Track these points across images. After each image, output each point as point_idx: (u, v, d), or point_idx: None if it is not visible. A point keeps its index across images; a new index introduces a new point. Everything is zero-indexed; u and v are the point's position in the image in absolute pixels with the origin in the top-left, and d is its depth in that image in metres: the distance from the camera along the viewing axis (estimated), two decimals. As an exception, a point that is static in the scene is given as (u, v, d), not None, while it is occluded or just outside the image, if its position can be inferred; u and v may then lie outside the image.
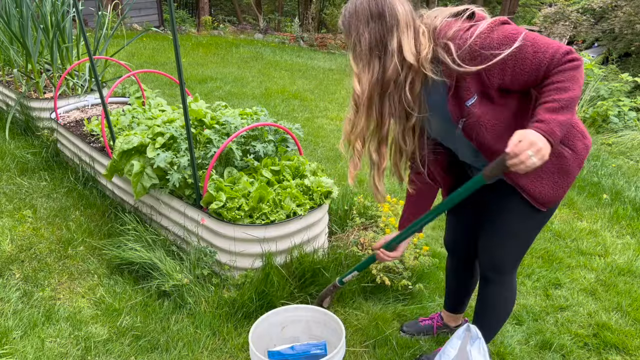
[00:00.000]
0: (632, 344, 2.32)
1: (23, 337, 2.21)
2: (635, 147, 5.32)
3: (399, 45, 1.47)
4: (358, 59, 1.52)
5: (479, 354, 1.61)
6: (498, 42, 1.42)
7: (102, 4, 5.73)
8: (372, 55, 1.49)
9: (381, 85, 1.52)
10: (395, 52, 1.47)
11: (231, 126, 2.77)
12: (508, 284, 1.90)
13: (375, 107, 1.57)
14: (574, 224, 3.48)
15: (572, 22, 11.45)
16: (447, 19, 1.51)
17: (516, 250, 1.83)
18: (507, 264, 1.86)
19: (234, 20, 16.27)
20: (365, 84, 1.53)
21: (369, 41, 1.48)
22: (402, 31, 1.47)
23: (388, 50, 1.48)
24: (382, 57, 1.49)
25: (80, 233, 2.99)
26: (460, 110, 1.54)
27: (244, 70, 7.95)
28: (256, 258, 2.47)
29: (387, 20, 1.46)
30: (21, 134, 4.39)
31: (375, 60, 1.50)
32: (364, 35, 1.48)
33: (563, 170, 1.64)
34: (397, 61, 1.48)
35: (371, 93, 1.54)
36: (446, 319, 2.31)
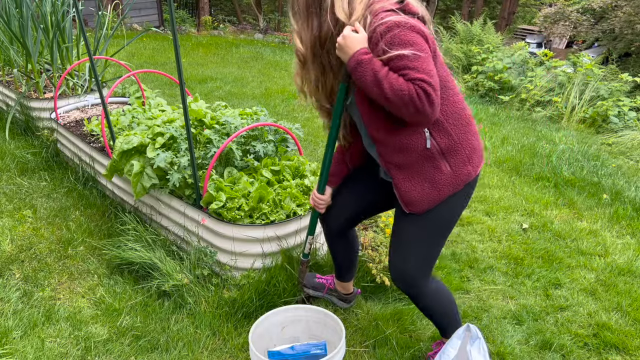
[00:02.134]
0: (632, 344, 2.32)
1: (23, 337, 2.21)
2: (635, 147, 5.32)
3: (331, 3, 1.57)
4: (297, 16, 1.65)
5: (479, 354, 1.61)
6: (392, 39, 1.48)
7: (102, 4, 5.73)
8: (309, 12, 1.61)
9: (319, 40, 1.64)
10: (329, 10, 1.58)
11: (231, 126, 2.77)
12: (427, 293, 1.91)
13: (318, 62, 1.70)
14: (574, 224, 3.48)
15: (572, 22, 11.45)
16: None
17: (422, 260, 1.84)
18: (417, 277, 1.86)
19: (234, 20, 16.27)
20: (306, 40, 1.66)
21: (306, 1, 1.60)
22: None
23: (322, 8, 1.59)
24: (318, 13, 1.60)
25: (80, 233, 2.99)
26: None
27: (244, 70, 7.95)
28: (256, 258, 2.47)
29: None
30: (21, 134, 4.39)
31: (313, 17, 1.61)
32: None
33: (434, 182, 1.71)
34: (330, 18, 1.59)
35: (313, 48, 1.66)
36: (337, 285, 2.40)
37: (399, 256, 1.85)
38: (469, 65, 8.93)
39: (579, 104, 6.55)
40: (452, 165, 1.71)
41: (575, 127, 6.28)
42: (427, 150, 1.67)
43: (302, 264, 2.31)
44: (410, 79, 1.45)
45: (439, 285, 1.97)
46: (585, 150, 5.02)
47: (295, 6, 1.63)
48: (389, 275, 2.54)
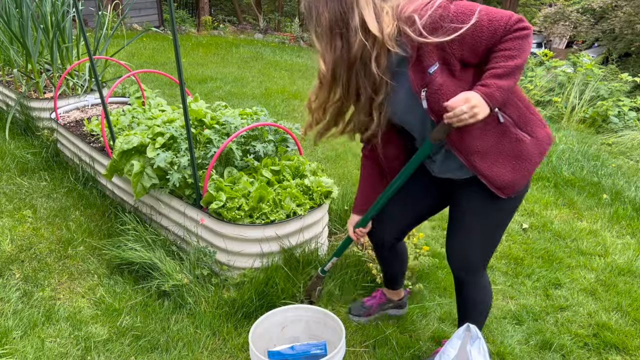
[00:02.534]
0: (632, 344, 2.32)
1: (23, 337, 2.21)
2: (635, 147, 5.32)
3: (361, 20, 1.49)
4: (320, 38, 1.55)
5: (479, 354, 1.61)
6: (456, 14, 1.48)
7: (102, 4, 5.73)
8: (333, 33, 1.52)
9: (347, 61, 1.55)
10: (359, 28, 1.49)
11: (231, 126, 2.77)
12: (481, 283, 1.92)
13: (341, 82, 1.60)
14: (574, 224, 3.48)
15: (572, 22, 11.46)
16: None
17: (484, 247, 1.84)
18: (477, 262, 1.87)
19: (234, 20, 16.27)
20: (329, 62, 1.56)
21: (329, 19, 1.50)
22: (362, 7, 1.48)
23: (350, 27, 1.50)
24: (344, 34, 1.51)
25: (80, 233, 2.99)
26: (422, 78, 1.55)
27: (244, 70, 7.95)
28: (256, 258, 2.47)
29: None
30: (21, 134, 4.40)
31: (337, 38, 1.52)
32: (323, 15, 1.50)
33: (522, 156, 1.66)
34: (362, 36, 1.50)
35: (334, 69, 1.57)
36: (389, 294, 2.38)
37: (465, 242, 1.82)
38: (469, 65, 8.91)
39: (579, 104, 6.55)
40: (531, 133, 1.66)
41: (575, 127, 6.28)
42: (501, 125, 1.62)
43: (318, 278, 2.30)
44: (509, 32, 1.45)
45: (490, 284, 1.97)
46: (585, 150, 5.02)
47: (319, 28, 1.53)
48: (389, 275, 2.54)
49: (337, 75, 1.59)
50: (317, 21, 1.53)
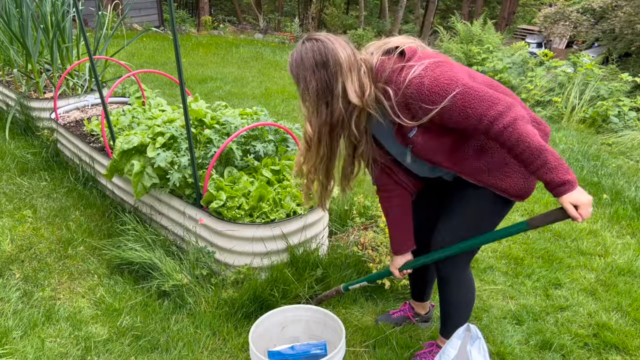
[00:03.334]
0: (632, 344, 2.32)
1: (23, 337, 2.21)
2: (635, 147, 5.31)
3: (343, 89, 1.57)
4: (308, 104, 1.62)
5: (479, 354, 1.61)
6: (428, 95, 1.50)
7: (102, 4, 5.73)
8: (320, 100, 1.60)
9: (330, 125, 1.64)
10: (340, 96, 1.57)
11: (231, 126, 2.77)
12: (465, 281, 1.94)
13: (325, 144, 1.69)
14: (574, 224, 3.48)
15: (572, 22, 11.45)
16: (380, 57, 1.60)
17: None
18: (460, 259, 1.88)
19: (234, 20, 16.27)
20: (315, 126, 1.65)
21: (317, 88, 1.58)
22: (345, 76, 1.56)
23: (334, 95, 1.58)
24: (329, 101, 1.59)
25: (80, 233, 2.99)
26: (405, 141, 1.67)
27: (244, 70, 7.95)
28: (256, 257, 2.47)
29: (331, 67, 1.55)
30: (21, 134, 4.39)
31: (323, 105, 1.60)
32: (311, 84, 1.57)
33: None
34: (342, 104, 1.58)
35: (320, 133, 1.66)
36: (416, 308, 2.37)
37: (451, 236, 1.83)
38: (469, 65, 8.93)
39: (579, 104, 6.54)
40: None
41: (575, 127, 6.28)
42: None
43: (337, 292, 2.31)
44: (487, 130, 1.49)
45: (473, 281, 1.99)
46: (585, 150, 5.02)
47: (306, 95, 1.61)
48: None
49: (322, 137, 1.67)
50: (304, 89, 1.60)
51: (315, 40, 1.57)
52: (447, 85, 1.49)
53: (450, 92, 1.48)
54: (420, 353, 2.14)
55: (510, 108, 1.47)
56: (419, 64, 1.52)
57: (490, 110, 1.47)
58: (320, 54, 1.55)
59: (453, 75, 1.50)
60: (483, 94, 1.48)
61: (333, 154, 1.74)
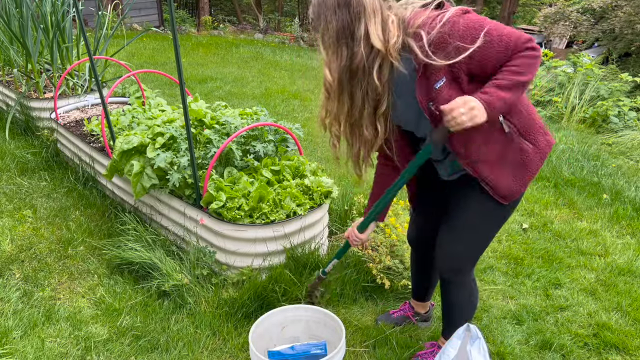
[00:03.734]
0: (632, 344, 2.32)
1: (23, 337, 2.21)
2: (635, 147, 5.31)
3: (365, 32, 1.49)
4: (327, 46, 1.54)
5: (479, 354, 1.61)
6: (465, 30, 1.47)
7: (102, 4, 5.73)
8: (340, 42, 1.51)
9: (349, 71, 1.55)
10: (362, 39, 1.49)
11: (231, 126, 2.77)
12: (468, 284, 1.93)
13: (346, 92, 1.60)
14: (574, 224, 3.48)
15: (572, 22, 11.45)
16: (416, 9, 1.55)
17: (474, 247, 1.85)
18: (465, 264, 1.88)
19: (234, 20, 16.27)
20: (335, 71, 1.56)
21: (337, 29, 1.50)
22: (369, 18, 1.48)
23: (355, 37, 1.50)
24: (349, 44, 1.51)
25: (80, 233, 2.99)
26: (428, 93, 1.56)
27: (244, 70, 7.94)
28: (256, 258, 2.47)
29: (353, 7, 1.47)
30: (21, 134, 4.39)
31: (343, 47, 1.52)
32: (331, 24, 1.50)
33: (523, 164, 1.68)
34: (364, 48, 1.50)
35: (340, 79, 1.57)
36: (416, 307, 2.36)
37: (455, 240, 1.82)
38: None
39: (579, 104, 6.54)
40: (534, 141, 1.67)
41: (575, 127, 6.28)
42: (506, 134, 1.63)
43: (319, 279, 2.30)
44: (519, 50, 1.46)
45: (476, 284, 1.98)
46: (585, 150, 5.01)
47: (326, 36, 1.53)
48: (389, 276, 2.54)
49: (343, 85, 1.58)
50: (324, 29, 1.52)
51: None
52: (480, 22, 1.48)
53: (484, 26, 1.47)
54: (421, 353, 2.14)
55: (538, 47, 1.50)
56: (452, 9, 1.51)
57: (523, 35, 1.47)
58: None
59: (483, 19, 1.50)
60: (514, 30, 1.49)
61: (355, 106, 1.62)
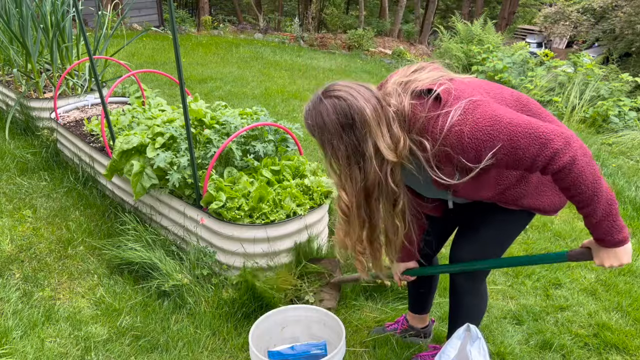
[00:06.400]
0: (632, 344, 2.32)
1: (23, 337, 2.20)
2: (636, 147, 5.31)
3: (375, 148, 1.42)
4: (339, 171, 1.49)
5: (479, 354, 1.61)
6: (469, 145, 1.36)
7: (102, 4, 5.73)
8: (352, 165, 1.46)
9: (366, 189, 1.50)
10: (373, 156, 1.43)
11: (231, 126, 2.77)
12: (479, 291, 1.91)
13: (364, 209, 1.55)
14: (574, 224, 3.48)
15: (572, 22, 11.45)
16: (411, 101, 1.43)
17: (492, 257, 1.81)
18: (481, 271, 1.86)
19: (234, 20, 16.26)
20: (351, 193, 1.50)
21: (347, 154, 1.44)
22: (375, 134, 1.41)
23: (366, 157, 1.43)
24: (361, 165, 1.45)
25: (80, 233, 2.99)
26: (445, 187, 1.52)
27: (244, 70, 7.94)
28: (256, 258, 2.47)
29: (359, 128, 1.40)
30: (21, 134, 4.39)
31: (355, 168, 1.46)
32: (339, 150, 1.44)
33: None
34: (376, 164, 1.44)
35: (358, 200, 1.52)
36: (412, 321, 2.25)
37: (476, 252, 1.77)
38: (469, 65, 8.94)
39: (579, 103, 6.54)
40: None
41: (576, 127, 6.28)
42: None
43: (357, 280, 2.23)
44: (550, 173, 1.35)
45: (487, 293, 1.96)
46: (586, 150, 5.01)
47: (335, 162, 1.47)
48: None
49: (361, 204, 1.53)
50: (333, 155, 1.46)
51: (337, 97, 1.41)
52: (489, 128, 1.34)
53: (494, 137, 1.33)
54: (422, 354, 2.13)
55: (568, 143, 1.31)
56: (455, 109, 1.37)
57: (545, 149, 1.31)
58: (345, 115, 1.39)
59: (494, 115, 1.35)
60: (533, 130, 1.32)
61: (374, 220, 1.58)
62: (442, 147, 1.39)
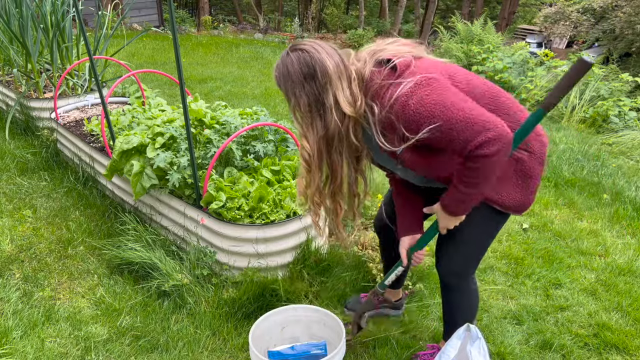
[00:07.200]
0: (632, 344, 2.32)
1: (23, 337, 2.20)
2: (636, 147, 5.31)
3: (335, 100, 1.50)
4: (301, 120, 1.57)
5: (479, 354, 1.61)
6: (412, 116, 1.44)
7: (102, 4, 5.73)
8: (313, 114, 1.53)
9: (327, 139, 1.56)
10: (333, 107, 1.50)
11: (231, 126, 2.77)
12: (468, 288, 1.92)
13: (326, 160, 1.62)
14: (574, 224, 3.48)
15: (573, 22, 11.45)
16: (372, 67, 1.52)
17: (475, 256, 1.85)
18: (467, 269, 1.88)
19: (234, 20, 16.26)
20: (312, 142, 1.57)
21: (308, 102, 1.52)
22: (335, 86, 1.49)
23: (326, 107, 1.51)
24: (322, 114, 1.53)
25: (80, 233, 2.99)
26: (393, 154, 1.60)
27: (244, 70, 7.94)
28: (256, 258, 2.47)
29: (319, 78, 1.48)
30: (21, 134, 4.39)
31: (317, 118, 1.54)
32: (301, 98, 1.52)
33: (525, 174, 1.66)
34: (336, 115, 1.51)
35: (320, 149, 1.58)
36: (386, 293, 2.34)
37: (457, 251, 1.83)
38: (469, 65, 8.94)
39: (579, 103, 6.55)
40: (528, 148, 1.64)
41: (576, 127, 6.28)
42: None
43: (376, 296, 2.14)
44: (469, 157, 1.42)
45: (477, 289, 1.97)
46: (586, 150, 5.01)
47: (298, 111, 1.55)
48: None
49: (322, 154, 1.60)
50: (295, 104, 1.55)
51: (301, 50, 1.51)
52: (433, 105, 1.42)
53: (435, 115, 1.41)
54: (421, 353, 2.14)
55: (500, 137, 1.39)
56: (407, 81, 1.45)
57: (478, 135, 1.39)
58: (307, 65, 1.49)
59: (441, 94, 1.43)
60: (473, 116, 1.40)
61: (335, 172, 1.64)
62: (388, 114, 1.48)
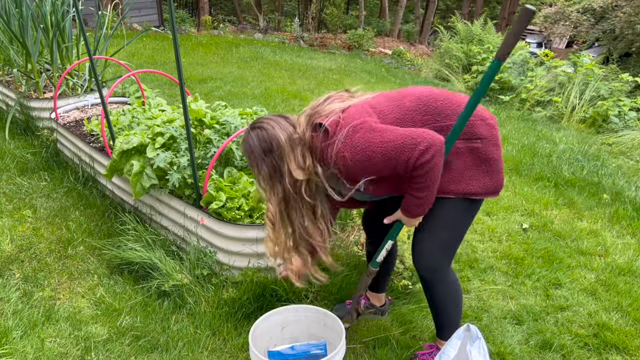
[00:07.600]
0: (632, 344, 2.32)
1: (23, 337, 2.20)
2: (636, 147, 5.32)
3: (287, 168, 1.74)
4: (264, 186, 1.81)
5: (479, 354, 1.61)
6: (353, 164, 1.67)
7: (102, 4, 5.73)
8: (274, 181, 1.78)
9: (285, 201, 1.80)
10: (287, 174, 1.75)
11: (231, 126, 2.77)
12: (447, 280, 1.96)
13: (286, 217, 1.84)
14: (574, 224, 3.48)
15: (572, 22, 11.46)
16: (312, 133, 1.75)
17: (449, 244, 1.91)
18: (441, 261, 1.92)
19: (234, 20, 16.27)
20: (274, 204, 1.82)
21: (268, 172, 1.77)
22: (287, 156, 1.73)
23: (283, 174, 1.76)
24: (280, 180, 1.77)
25: (80, 233, 2.99)
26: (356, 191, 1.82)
27: (244, 70, 7.94)
28: (256, 258, 2.47)
29: (275, 151, 1.74)
30: (21, 134, 4.39)
31: (277, 184, 1.78)
32: (263, 169, 1.77)
33: (484, 159, 1.77)
34: (289, 180, 1.75)
35: (280, 209, 1.82)
36: (372, 298, 2.41)
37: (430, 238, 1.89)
38: (469, 65, 8.95)
39: (579, 103, 6.55)
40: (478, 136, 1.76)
41: (576, 127, 6.28)
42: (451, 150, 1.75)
43: (370, 274, 2.13)
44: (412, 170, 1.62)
45: (457, 280, 2.01)
46: (586, 150, 5.02)
47: (261, 179, 1.79)
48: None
49: (282, 213, 1.83)
50: (258, 174, 1.79)
51: (259, 128, 1.76)
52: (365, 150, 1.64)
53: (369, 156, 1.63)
54: (420, 353, 2.14)
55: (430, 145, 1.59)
56: (338, 138, 1.68)
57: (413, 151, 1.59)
58: (265, 141, 1.74)
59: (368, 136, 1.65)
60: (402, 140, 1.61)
61: (296, 227, 1.85)
62: (334, 170, 1.74)
